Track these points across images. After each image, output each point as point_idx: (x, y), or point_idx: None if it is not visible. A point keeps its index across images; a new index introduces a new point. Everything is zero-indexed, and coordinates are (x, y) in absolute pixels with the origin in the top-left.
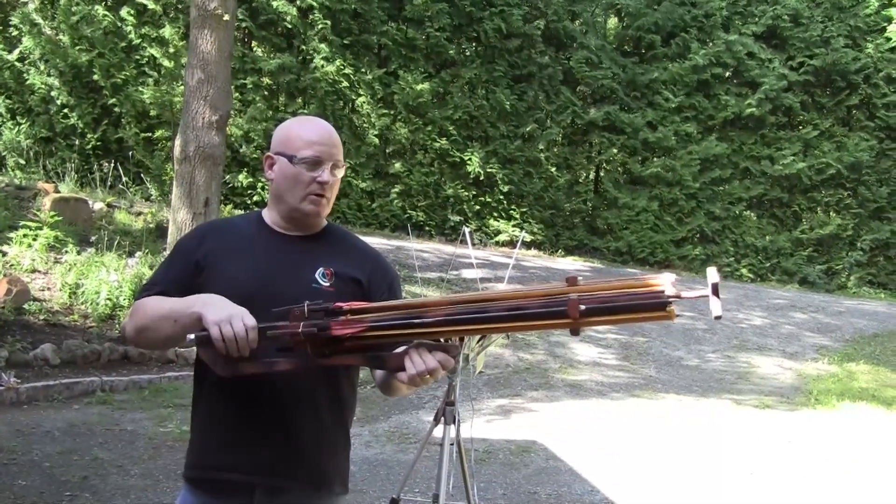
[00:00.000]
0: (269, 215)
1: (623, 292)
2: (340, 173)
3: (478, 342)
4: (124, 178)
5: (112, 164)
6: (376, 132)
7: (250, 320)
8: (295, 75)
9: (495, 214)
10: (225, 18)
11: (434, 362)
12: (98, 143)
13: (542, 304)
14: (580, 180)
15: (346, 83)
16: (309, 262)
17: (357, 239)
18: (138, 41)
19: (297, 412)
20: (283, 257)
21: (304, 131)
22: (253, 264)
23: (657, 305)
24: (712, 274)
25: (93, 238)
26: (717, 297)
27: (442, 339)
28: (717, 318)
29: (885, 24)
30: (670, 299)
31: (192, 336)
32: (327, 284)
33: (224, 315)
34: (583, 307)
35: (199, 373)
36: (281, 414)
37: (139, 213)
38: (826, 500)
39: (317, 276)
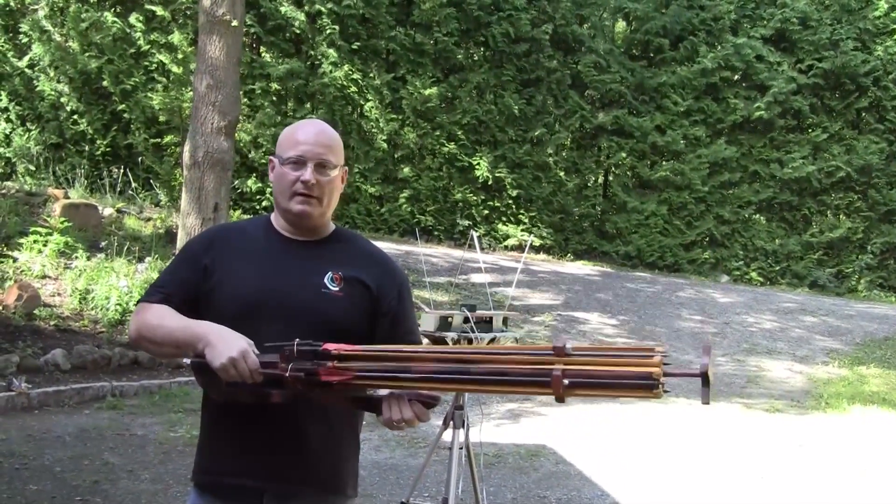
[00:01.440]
0: (276, 220)
1: (610, 370)
2: (333, 173)
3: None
4: (134, 184)
5: (121, 170)
6: (385, 137)
7: (252, 362)
8: (303, 80)
9: (504, 219)
10: (233, 24)
11: (410, 413)
12: (107, 149)
13: (526, 373)
14: (589, 184)
15: (354, 88)
16: (317, 267)
17: (366, 242)
18: (147, 47)
19: (306, 417)
20: (291, 262)
21: (296, 132)
22: (261, 270)
23: (643, 387)
24: (705, 356)
25: (102, 244)
26: (707, 384)
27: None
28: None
29: (895, 27)
30: (658, 382)
31: (188, 360)
32: (336, 289)
33: (225, 361)
34: (567, 381)
35: None
36: (290, 418)
37: (149, 219)
38: None
39: (325, 280)
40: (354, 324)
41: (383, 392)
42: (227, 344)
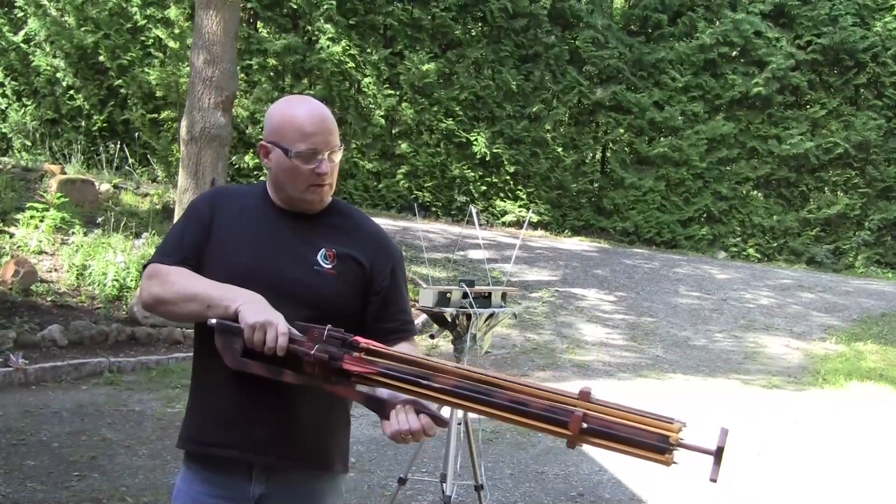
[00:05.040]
0: (273, 192)
1: (628, 424)
2: (339, 155)
3: (485, 322)
4: (130, 160)
5: (118, 146)
6: (382, 113)
7: (283, 333)
8: (300, 56)
9: (501, 195)
10: None
11: (417, 425)
12: (104, 125)
13: (546, 408)
14: (587, 160)
15: (351, 64)
16: (311, 242)
17: (362, 217)
18: (144, 22)
19: (296, 390)
20: (285, 236)
21: (298, 120)
22: (254, 241)
23: (656, 448)
24: (722, 437)
25: (99, 219)
26: (719, 462)
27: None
28: (712, 480)
29: (893, 3)
30: (672, 446)
31: (214, 321)
32: (329, 267)
33: (261, 320)
34: (584, 425)
35: (198, 347)
36: (280, 392)
37: (146, 195)
38: (834, 480)
39: (318, 258)
40: (345, 302)
41: (393, 401)
42: (268, 308)
